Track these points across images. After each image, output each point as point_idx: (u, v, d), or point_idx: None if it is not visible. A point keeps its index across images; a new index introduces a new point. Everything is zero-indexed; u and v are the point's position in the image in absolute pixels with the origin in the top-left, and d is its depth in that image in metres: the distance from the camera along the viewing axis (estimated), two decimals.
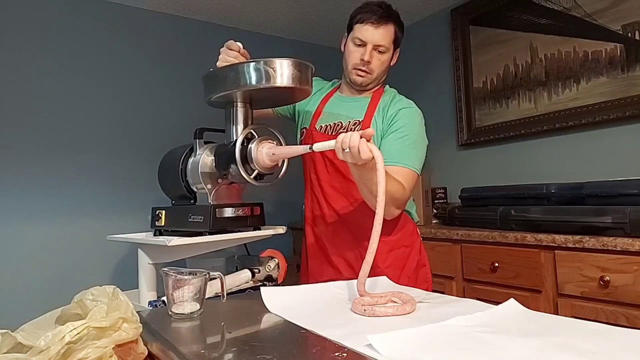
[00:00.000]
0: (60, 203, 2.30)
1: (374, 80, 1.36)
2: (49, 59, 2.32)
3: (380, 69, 1.34)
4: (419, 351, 0.63)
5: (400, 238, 1.33)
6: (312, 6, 2.72)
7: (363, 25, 1.29)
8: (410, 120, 1.30)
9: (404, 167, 1.24)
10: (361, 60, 1.31)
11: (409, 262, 1.33)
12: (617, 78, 1.99)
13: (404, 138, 1.27)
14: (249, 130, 1.18)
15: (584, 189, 1.70)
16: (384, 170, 0.95)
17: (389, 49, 1.33)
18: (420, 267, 1.36)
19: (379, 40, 1.29)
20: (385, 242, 1.27)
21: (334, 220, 1.36)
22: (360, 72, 1.33)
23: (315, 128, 1.39)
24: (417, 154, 1.28)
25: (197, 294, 0.90)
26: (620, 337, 0.68)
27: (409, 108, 1.32)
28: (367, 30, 1.29)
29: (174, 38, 2.70)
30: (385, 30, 1.30)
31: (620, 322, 1.45)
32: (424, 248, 1.41)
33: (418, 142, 1.29)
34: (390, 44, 1.33)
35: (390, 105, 1.32)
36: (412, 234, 1.37)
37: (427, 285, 1.35)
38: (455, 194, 2.37)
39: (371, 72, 1.33)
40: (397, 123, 1.28)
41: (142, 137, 2.55)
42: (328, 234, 1.38)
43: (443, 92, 2.76)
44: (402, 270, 1.31)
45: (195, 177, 1.24)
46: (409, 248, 1.34)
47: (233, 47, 1.22)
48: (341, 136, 1.00)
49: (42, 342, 0.66)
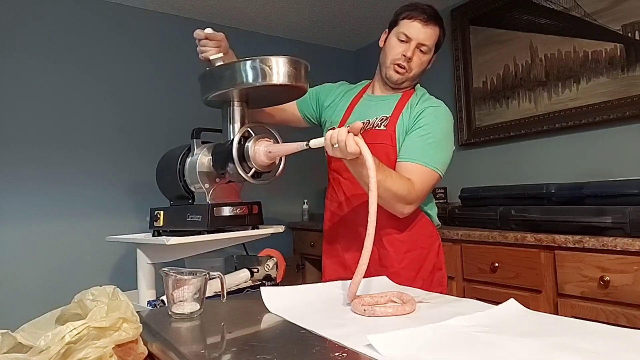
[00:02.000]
0: (59, 203, 2.30)
1: (409, 79, 1.34)
2: (48, 58, 2.32)
3: (419, 69, 1.33)
4: (419, 351, 0.63)
5: (418, 239, 1.31)
6: (313, 6, 2.71)
7: (411, 22, 1.28)
8: (436, 119, 1.27)
9: (421, 164, 1.21)
10: (403, 56, 1.29)
11: (426, 265, 1.32)
12: (617, 78, 1.99)
13: (426, 136, 1.24)
14: (245, 128, 1.18)
15: (584, 189, 1.70)
16: (374, 164, 0.94)
17: (431, 51, 1.32)
18: (436, 271, 1.35)
19: (424, 38, 1.28)
20: (403, 242, 1.27)
21: (352, 219, 1.35)
22: (398, 68, 1.31)
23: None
24: (439, 153, 1.25)
25: (197, 294, 0.90)
26: (620, 337, 0.68)
27: (437, 107, 1.30)
28: (415, 27, 1.28)
29: (173, 38, 2.70)
30: (432, 30, 1.29)
31: (620, 322, 1.45)
32: (442, 251, 1.38)
33: (442, 142, 1.26)
34: (433, 45, 1.32)
35: (418, 103, 1.30)
36: (431, 236, 1.35)
37: (442, 289, 1.33)
38: (455, 194, 2.37)
39: (409, 70, 1.31)
40: (422, 121, 1.26)
41: (141, 137, 2.55)
42: (344, 233, 1.37)
43: (443, 92, 2.74)
44: (417, 272, 1.29)
45: (193, 176, 1.24)
46: (426, 250, 1.32)
47: (199, 35, 1.20)
48: (330, 132, 1.00)
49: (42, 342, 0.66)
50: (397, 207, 1.19)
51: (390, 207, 1.19)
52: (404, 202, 1.19)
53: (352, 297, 0.89)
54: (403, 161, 1.23)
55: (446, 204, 2.51)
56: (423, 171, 1.22)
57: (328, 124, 1.46)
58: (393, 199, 1.16)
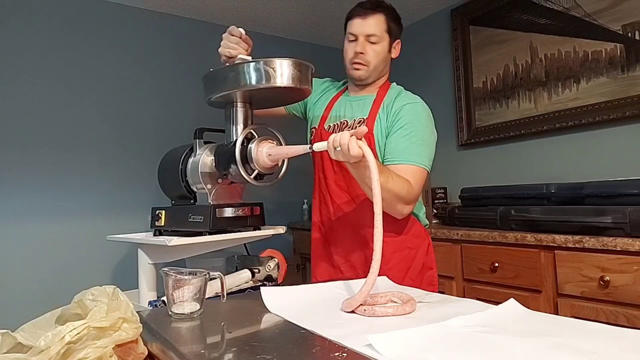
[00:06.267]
0: (60, 203, 2.30)
1: (372, 72, 1.34)
2: (48, 58, 2.32)
3: (377, 59, 1.33)
4: (419, 351, 0.63)
5: (405, 240, 1.32)
6: (312, 6, 2.71)
7: (352, 20, 1.32)
8: (416, 116, 1.27)
9: (412, 164, 1.22)
10: (355, 53, 1.32)
11: (414, 265, 1.32)
12: (617, 78, 1.99)
13: (410, 135, 1.25)
14: (249, 130, 1.18)
15: (584, 189, 1.70)
16: (377, 166, 0.94)
17: (382, 38, 1.32)
18: (426, 270, 1.35)
19: (368, 30, 1.30)
20: (389, 243, 1.26)
21: (340, 221, 1.35)
22: (356, 65, 1.33)
23: (324, 127, 1.39)
24: (425, 150, 1.26)
25: (197, 294, 0.90)
26: (620, 337, 0.68)
27: (414, 103, 1.30)
28: (356, 24, 1.31)
29: (173, 38, 2.70)
30: (374, 19, 1.30)
31: (620, 322, 1.45)
32: (432, 251, 1.38)
33: (425, 138, 1.27)
34: (383, 33, 1.31)
35: (394, 101, 1.30)
36: (419, 236, 1.35)
37: (432, 289, 1.33)
38: (455, 194, 2.38)
39: (367, 63, 1.32)
40: (402, 120, 1.26)
41: (142, 137, 2.55)
42: (333, 234, 1.37)
43: (443, 92, 2.76)
44: (406, 272, 1.29)
45: (195, 177, 1.24)
46: (414, 250, 1.33)
47: (235, 32, 1.21)
48: (332, 135, 1.00)
49: (42, 342, 0.66)
50: (397, 207, 1.20)
51: (391, 208, 1.19)
52: (404, 202, 1.20)
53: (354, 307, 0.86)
54: (393, 164, 1.23)
55: (446, 204, 2.51)
56: (414, 170, 1.22)
57: (311, 118, 1.48)
58: (395, 200, 1.16)
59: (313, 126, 1.45)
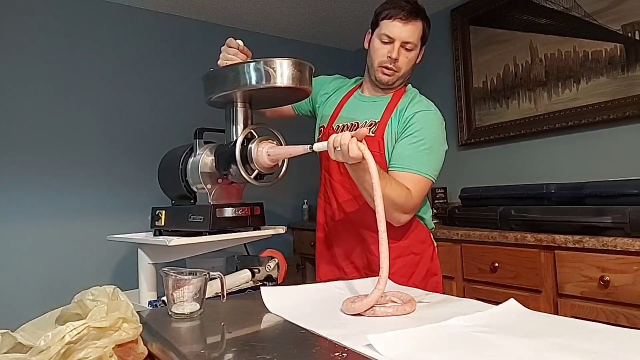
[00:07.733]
0: (60, 203, 2.30)
1: (399, 79, 1.31)
2: (48, 58, 2.32)
3: (407, 67, 1.30)
4: (419, 351, 0.63)
5: (410, 245, 1.29)
6: (313, 6, 2.71)
7: (391, 22, 1.24)
8: (427, 125, 1.24)
9: (416, 173, 1.20)
10: (388, 58, 1.26)
11: (418, 270, 1.30)
12: (617, 78, 1.99)
13: (418, 143, 1.22)
14: (249, 130, 1.18)
15: (584, 189, 1.70)
16: (377, 170, 0.93)
17: (416, 46, 1.28)
18: (430, 276, 1.32)
19: (407, 36, 1.24)
20: (393, 248, 1.26)
21: (344, 222, 1.34)
22: (386, 70, 1.28)
23: (332, 127, 1.37)
24: (432, 159, 1.23)
25: (197, 294, 0.90)
26: (620, 337, 0.68)
27: (427, 111, 1.26)
28: (396, 27, 1.24)
29: (173, 38, 2.70)
30: (414, 26, 1.25)
31: (620, 322, 1.45)
32: (437, 256, 1.36)
33: (434, 148, 1.24)
34: (418, 40, 1.28)
35: (408, 107, 1.27)
36: (424, 241, 1.33)
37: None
38: (455, 194, 2.37)
39: (398, 70, 1.28)
40: (412, 127, 1.23)
41: (142, 137, 2.55)
42: (336, 235, 1.37)
43: (443, 92, 2.75)
44: (409, 278, 1.27)
45: (195, 177, 1.24)
46: (418, 256, 1.30)
47: (232, 44, 1.21)
48: (333, 135, 0.99)
49: (42, 342, 0.66)
50: (394, 215, 1.17)
51: (387, 215, 1.17)
52: (401, 210, 1.18)
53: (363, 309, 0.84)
54: (397, 170, 1.21)
55: (446, 204, 2.51)
56: (418, 180, 1.20)
57: (320, 117, 1.46)
58: (390, 207, 1.13)
59: (321, 125, 1.43)
